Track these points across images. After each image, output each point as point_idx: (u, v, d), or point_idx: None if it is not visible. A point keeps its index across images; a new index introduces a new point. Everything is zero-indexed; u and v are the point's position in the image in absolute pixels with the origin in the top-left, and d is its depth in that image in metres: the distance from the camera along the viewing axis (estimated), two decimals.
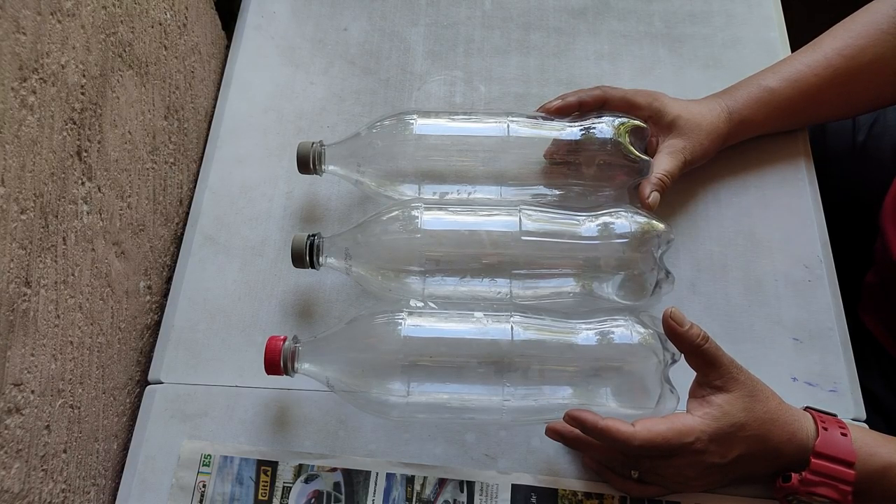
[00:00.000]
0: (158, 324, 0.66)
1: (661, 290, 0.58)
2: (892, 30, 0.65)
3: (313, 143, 0.65)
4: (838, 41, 0.67)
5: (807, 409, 0.55)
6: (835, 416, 0.55)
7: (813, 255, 0.67)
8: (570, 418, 0.52)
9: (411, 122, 0.64)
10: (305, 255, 0.60)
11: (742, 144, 0.70)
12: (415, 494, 0.58)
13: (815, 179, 0.71)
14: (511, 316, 0.56)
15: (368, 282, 0.60)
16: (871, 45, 0.65)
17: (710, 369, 0.52)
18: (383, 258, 0.59)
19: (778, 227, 0.68)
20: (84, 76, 0.53)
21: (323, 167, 0.65)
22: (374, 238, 0.59)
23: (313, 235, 0.61)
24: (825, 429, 0.52)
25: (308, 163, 0.64)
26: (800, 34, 0.77)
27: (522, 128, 0.65)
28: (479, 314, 0.56)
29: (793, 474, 0.52)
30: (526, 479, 0.58)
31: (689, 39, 0.80)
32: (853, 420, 0.60)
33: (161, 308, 0.67)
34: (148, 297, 0.66)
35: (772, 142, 0.71)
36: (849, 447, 0.51)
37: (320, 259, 0.61)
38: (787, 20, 0.81)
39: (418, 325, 0.55)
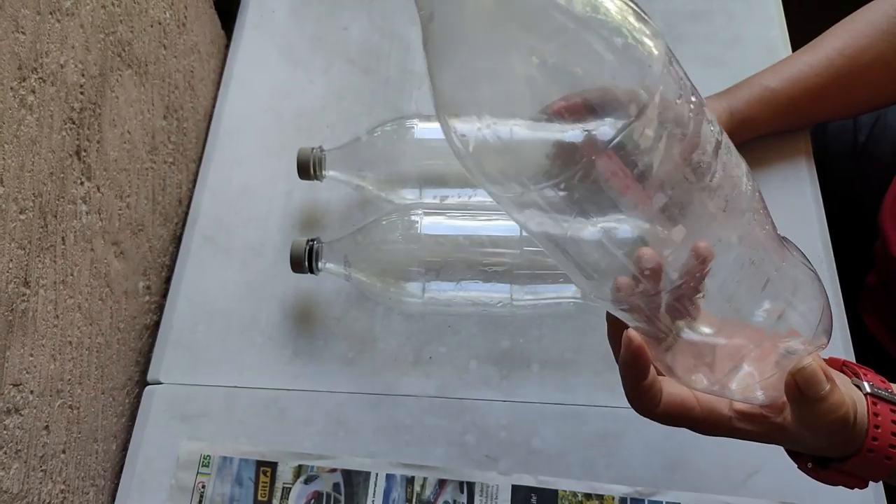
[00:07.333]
0: (157, 324, 0.66)
1: None
2: (892, 29, 0.65)
3: (313, 149, 0.64)
4: (839, 40, 0.66)
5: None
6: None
7: (814, 254, 0.67)
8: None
9: (412, 126, 0.64)
10: (304, 261, 0.60)
11: (743, 144, 0.69)
12: (415, 495, 0.58)
13: (816, 179, 0.70)
14: None
15: (367, 287, 0.60)
16: (872, 45, 0.65)
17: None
18: (383, 264, 0.59)
19: (779, 227, 0.68)
20: (83, 76, 0.53)
21: (323, 173, 0.65)
22: (374, 245, 0.59)
23: (312, 240, 0.60)
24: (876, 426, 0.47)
25: (308, 169, 0.64)
26: (801, 33, 0.76)
27: None
28: None
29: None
30: (526, 480, 0.58)
31: (690, 38, 0.79)
32: None
33: (160, 308, 0.67)
34: (147, 298, 0.66)
35: (773, 142, 0.71)
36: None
37: (319, 265, 0.60)
38: (788, 19, 0.81)
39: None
